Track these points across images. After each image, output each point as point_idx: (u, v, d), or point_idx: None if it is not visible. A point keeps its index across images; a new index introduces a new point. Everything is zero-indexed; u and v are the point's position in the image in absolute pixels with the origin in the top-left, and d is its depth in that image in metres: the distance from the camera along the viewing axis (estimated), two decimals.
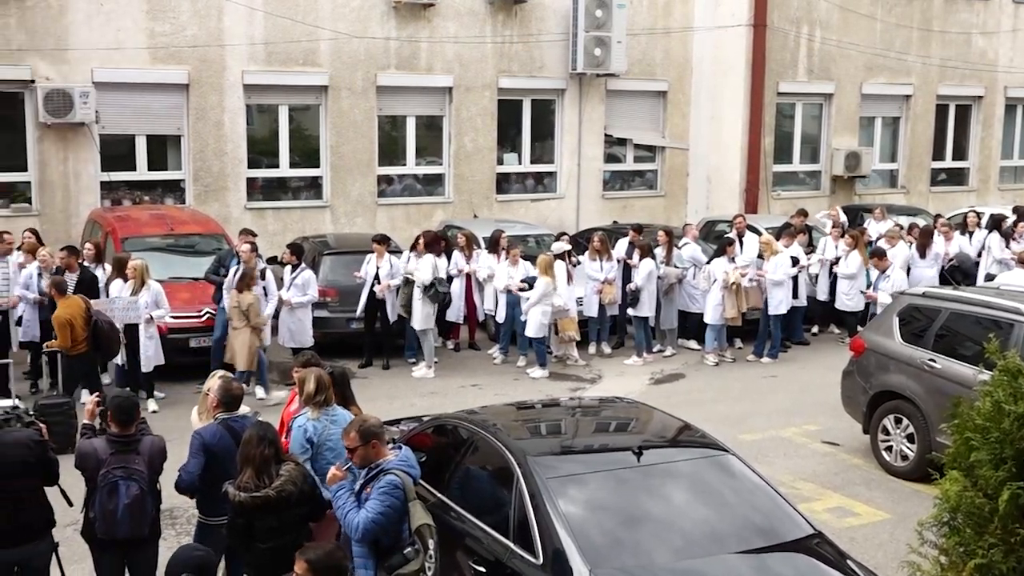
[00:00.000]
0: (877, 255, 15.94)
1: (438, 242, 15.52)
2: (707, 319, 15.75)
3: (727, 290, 15.42)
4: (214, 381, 7.68)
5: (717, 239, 17.79)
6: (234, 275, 13.36)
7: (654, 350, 16.25)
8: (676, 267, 16.18)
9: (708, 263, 16.08)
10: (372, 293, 14.98)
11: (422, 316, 14.75)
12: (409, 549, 6.17)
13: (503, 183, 21.60)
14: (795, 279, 16.31)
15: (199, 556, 4.93)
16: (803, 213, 18.78)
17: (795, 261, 16.21)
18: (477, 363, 15.75)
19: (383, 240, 15.32)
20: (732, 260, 15.78)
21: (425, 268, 14.68)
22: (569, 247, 15.93)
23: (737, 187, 22.46)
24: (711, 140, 22.81)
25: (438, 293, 14.66)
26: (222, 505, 6.79)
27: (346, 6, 19.29)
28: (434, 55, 20.18)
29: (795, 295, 16.34)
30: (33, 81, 17.18)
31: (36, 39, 17.14)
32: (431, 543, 6.19)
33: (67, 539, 7.95)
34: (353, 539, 6.27)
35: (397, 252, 15.85)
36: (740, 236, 16.84)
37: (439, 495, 7.41)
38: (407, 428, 8.84)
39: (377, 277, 15.00)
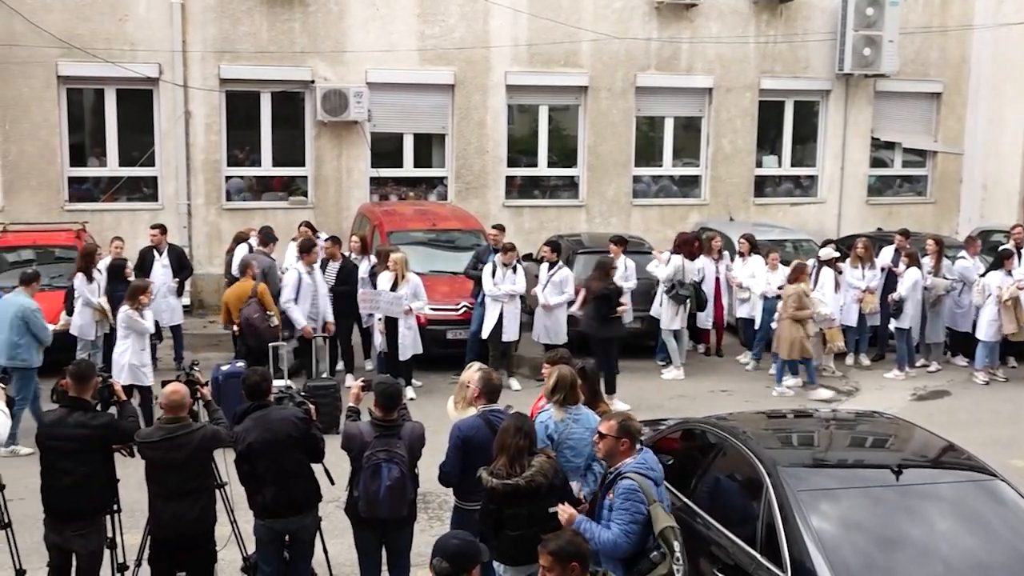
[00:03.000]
0: None
1: (691, 244, 15.33)
2: (980, 335, 14.83)
3: (1003, 305, 14.47)
4: (470, 373, 7.91)
5: (992, 250, 16.68)
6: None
7: (917, 364, 15.46)
8: (945, 278, 15.31)
9: (983, 276, 15.12)
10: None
11: (668, 317, 14.68)
12: (655, 553, 6.12)
13: (761, 186, 21.13)
14: None
15: (455, 545, 5.08)
16: None
17: None
18: (728, 368, 15.49)
19: (620, 241, 15.26)
20: (1009, 273, 14.78)
21: (667, 268, 14.59)
22: (837, 254, 15.36)
23: (1016, 195, 20.98)
24: (988, 144, 21.42)
25: (679, 295, 14.53)
26: (478, 492, 7.03)
27: (608, 7, 19.42)
28: (695, 55, 19.99)
29: None
30: (313, 82, 18.28)
31: (316, 42, 18.24)
32: (677, 545, 6.10)
33: (329, 515, 8.40)
34: (605, 556, 6.23)
35: (647, 253, 15.82)
36: (1019, 248, 15.70)
37: (685, 500, 7.34)
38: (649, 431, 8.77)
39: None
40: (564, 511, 6.32)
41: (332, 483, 7.75)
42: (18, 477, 7.21)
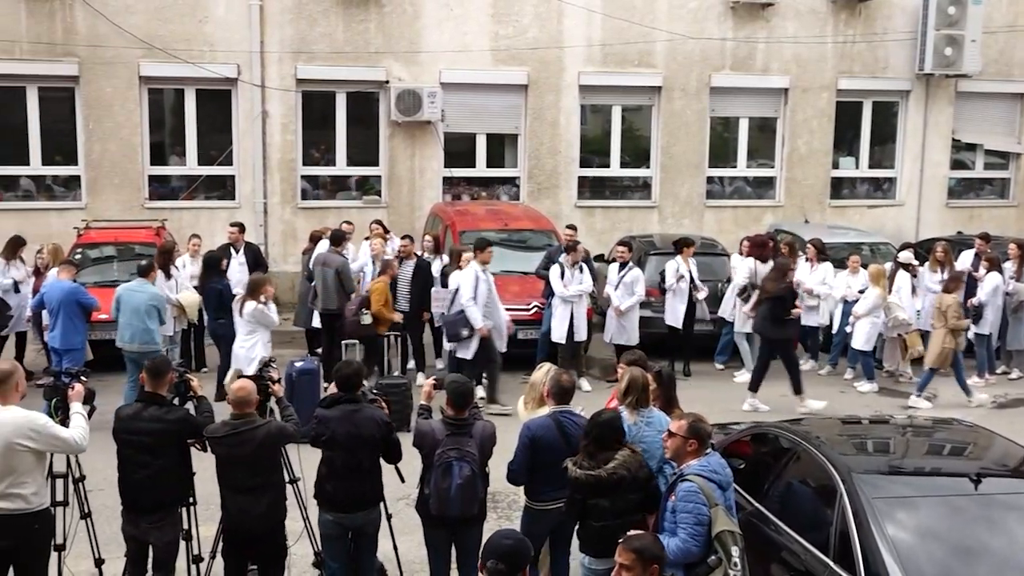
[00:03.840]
0: None
1: (764, 246, 15.14)
2: None
3: None
4: (540, 374, 7.92)
5: None
6: None
7: (997, 371, 15.11)
8: None
9: None
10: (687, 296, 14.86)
11: (741, 320, 14.54)
12: (712, 558, 6.06)
13: (838, 188, 20.84)
14: None
15: (507, 545, 5.09)
16: None
17: None
18: (803, 373, 15.24)
19: (689, 243, 15.16)
20: None
21: (741, 271, 14.44)
22: (915, 259, 15.08)
23: None
24: None
25: (750, 298, 14.38)
26: (548, 492, 7.04)
27: (683, 7, 19.29)
28: (771, 55, 19.78)
29: None
30: (387, 82, 18.44)
31: (391, 42, 18.39)
32: (735, 551, 6.03)
33: (399, 512, 8.48)
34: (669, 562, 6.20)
35: (724, 255, 15.70)
36: None
37: (756, 504, 7.27)
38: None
39: (661, 279, 14.90)
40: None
41: (403, 481, 7.82)
42: (97, 469, 7.38)
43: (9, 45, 17.19)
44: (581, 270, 13.97)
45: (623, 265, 14.39)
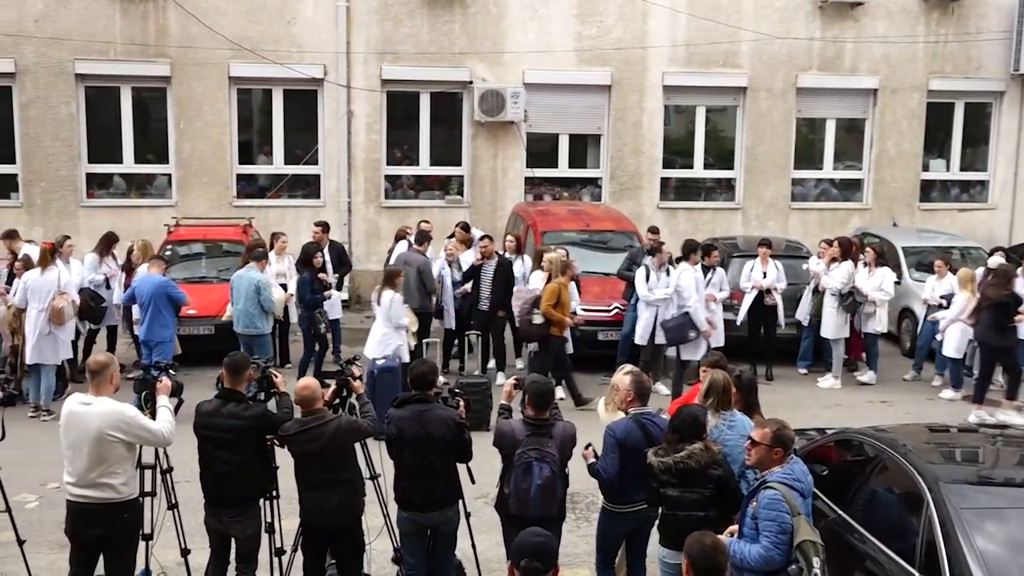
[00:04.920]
0: None
1: (854, 249, 14.85)
2: None
3: None
4: (621, 376, 7.88)
5: None
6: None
7: None
8: None
9: None
10: (759, 298, 14.66)
11: (834, 325, 14.26)
12: (793, 567, 5.98)
13: (928, 190, 20.42)
14: None
15: (538, 542, 5.10)
16: None
17: None
18: (887, 378, 14.97)
19: (768, 244, 14.96)
20: None
21: (838, 275, 14.18)
22: (1007, 263, 14.65)
23: None
24: None
25: (855, 303, 14.08)
26: (629, 494, 7.06)
27: (770, 7, 19.06)
28: (860, 55, 19.44)
29: None
30: (471, 82, 18.54)
31: (475, 43, 18.49)
32: (816, 561, 5.93)
33: (478, 511, 8.52)
34: (749, 568, 6.14)
35: (804, 257, 15.48)
36: None
37: (840, 512, 7.14)
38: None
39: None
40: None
41: (472, 481, 7.82)
42: (184, 461, 7.53)
43: (105, 46, 17.67)
44: (668, 273, 13.86)
45: (708, 268, 14.24)
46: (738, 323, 14.66)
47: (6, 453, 8.06)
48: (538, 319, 12.88)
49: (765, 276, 14.64)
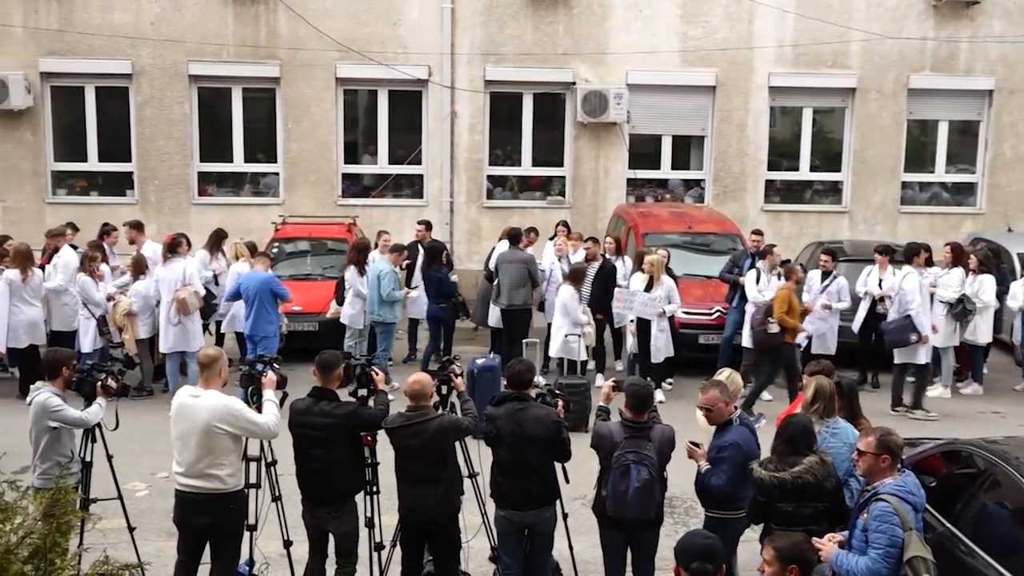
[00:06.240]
0: None
1: (966, 254, 14.37)
2: None
3: None
4: (722, 379, 7.79)
5: None
6: None
7: None
8: None
9: None
10: (872, 306, 14.25)
11: (944, 333, 13.85)
12: None
13: None
14: None
15: (707, 544, 5.06)
16: None
17: None
18: (999, 388, 14.50)
19: (885, 251, 14.50)
20: None
21: (951, 282, 13.77)
22: None
23: None
24: None
25: (965, 311, 13.65)
26: (740, 499, 6.98)
27: (881, 6, 18.64)
28: (975, 56, 18.87)
29: None
30: (574, 83, 18.53)
31: (579, 44, 18.47)
32: None
33: (575, 512, 8.50)
34: None
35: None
36: None
37: (948, 525, 6.95)
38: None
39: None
40: (824, 545, 6.12)
41: (567, 481, 7.81)
42: (288, 454, 7.67)
43: (218, 48, 18.13)
44: (779, 276, 13.64)
45: (826, 274, 13.94)
46: (855, 330, 14.28)
47: (120, 443, 8.33)
48: (774, 328, 12.61)
49: (881, 283, 14.22)
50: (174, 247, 13.22)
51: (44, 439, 7.68)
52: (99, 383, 7.87)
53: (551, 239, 15.40)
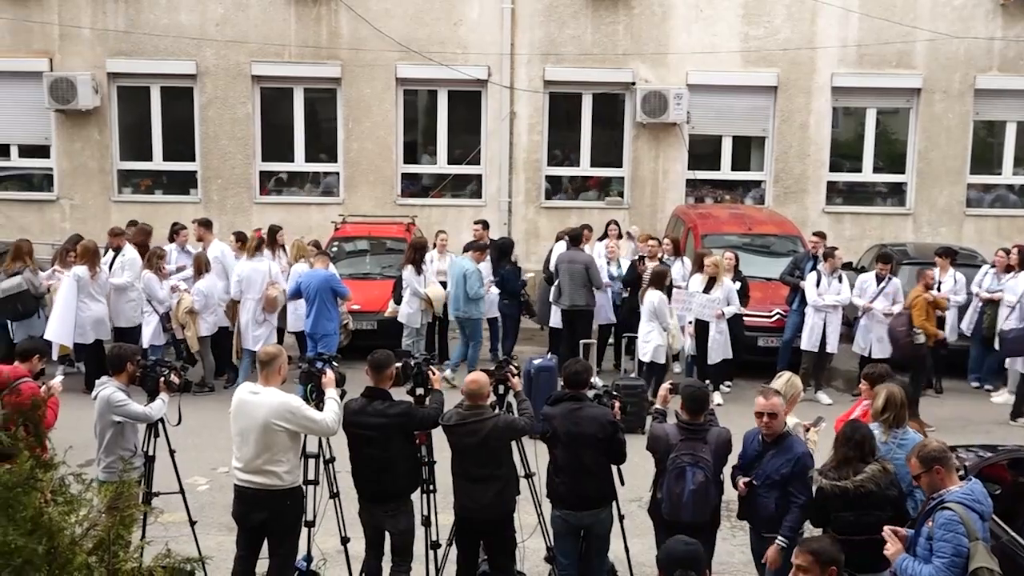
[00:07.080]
0: None
1: None
2: None
3: None
4: (781, 383, 7.72)
5: None
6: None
7: None
8: None
9: None
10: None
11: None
12: None
13: None
14: None
15: (689, 550, 5.03)
16: None
17: None
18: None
19: (946, 253, 14.26)
20: None
21: (1016, 286, 13.49)
22: None
23: None
24: None
25: None
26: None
27: (947, 5, 18.33)
28: None
29: None
30: (633, 83, 18.45)
31: (639, 44, 18.40)
32: None
33: (631, 514, 8.47)
34: None
35: (978, 266, 14.76)
36: None
37: (1013, 534, 6.81)
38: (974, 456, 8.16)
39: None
40: (892, 545, 6.03)
41: (623, 484, 7.78)
42: (346, 451, 7.73)
43: (280, 49, 18.33)
44: (840, 279, 13.47)
45: (882, 278, 13.74)
46: (967, 333, 14.16)
47: (181, 438, 8.46)
48: (921, 339, 12.68)
49: (941, 286, 13.99)
50: (264, 243, 13.72)
51: (108, 433, 7.83)
52: (162, 379, 8.00)
53: (600, 239, 15.37)
